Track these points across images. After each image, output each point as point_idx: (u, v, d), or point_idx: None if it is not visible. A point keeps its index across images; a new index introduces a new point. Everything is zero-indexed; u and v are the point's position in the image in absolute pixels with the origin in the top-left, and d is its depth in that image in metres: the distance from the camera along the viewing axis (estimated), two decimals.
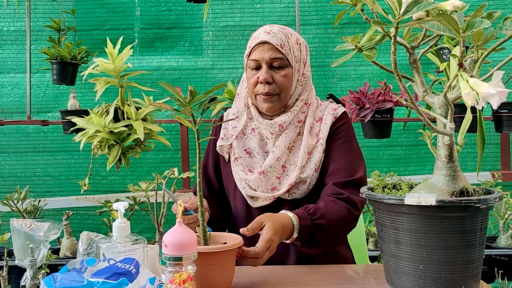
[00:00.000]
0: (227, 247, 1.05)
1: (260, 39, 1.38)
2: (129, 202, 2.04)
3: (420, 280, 0.96)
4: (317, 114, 1.46)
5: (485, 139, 1.56)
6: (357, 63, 3.11)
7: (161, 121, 2.59)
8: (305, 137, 1.40)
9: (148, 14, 3.22)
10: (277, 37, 1.38)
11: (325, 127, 1.42)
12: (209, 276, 1.03)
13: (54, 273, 0.90)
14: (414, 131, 2.94)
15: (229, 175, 1.46)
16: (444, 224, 0.93)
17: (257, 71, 1.39)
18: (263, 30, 1.41)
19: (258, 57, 1.38)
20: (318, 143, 1.41)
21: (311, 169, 1.38)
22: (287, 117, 1.41)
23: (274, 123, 1.40)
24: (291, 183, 1.36)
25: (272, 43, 1.37)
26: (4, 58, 3.22)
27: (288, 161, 1.40)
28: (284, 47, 1.38)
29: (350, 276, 1.19)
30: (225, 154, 1.48)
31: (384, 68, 1.05)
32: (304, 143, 1.39)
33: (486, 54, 0.93)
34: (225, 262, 1.05)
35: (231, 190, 1.46)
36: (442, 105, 1.01)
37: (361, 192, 1.08)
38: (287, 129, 1.41)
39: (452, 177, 0.99)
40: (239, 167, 1.42)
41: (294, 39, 1.42)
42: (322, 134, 1.41)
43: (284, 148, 1.39)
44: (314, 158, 1.39)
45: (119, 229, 1.00)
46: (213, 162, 1.52)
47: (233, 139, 1.44)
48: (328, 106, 1.47)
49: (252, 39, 1.42)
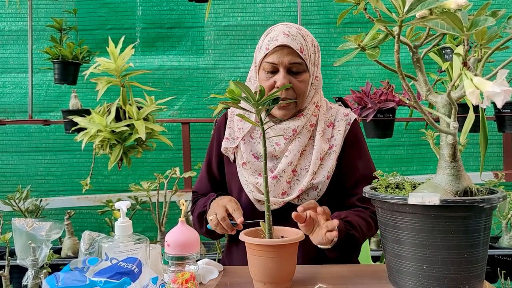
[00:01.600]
0: (289, 241, 1.07)
1: (280, 41, 1.31)
2: (131, 202, 2.04)
3: (424, 280, 0.96)
4: (328, 118, 1.43)
5: (488, 139, 1.56)
6: (359, 62, 3.10)
7: (163, 121, 2.59)
8: (318, 142, 1.37)
9: (150, 13, 3.22)
10: (297, 41, 1.32)
11: (338, 134, 1.40)
12: (272, 268, 1.05)
13: (57, 272, 0.89)
14: (416, 131, 2.93)
15: (234, 175, 1.43)
16: (448, 224, 0.93)
17: (272, 75, 1.34)
18: (281, 31, 1.33)
19: (276, 61, 1.32)
20: (331, 150, 1.38)
21: (323, 175, 1.35)
22: (301, 121, 1.37)
23: (288, 128, 1.36)
24: (302, 188, 1.33)
25: (292, 47, 1.31)
26: (6, 58, 3.23)
27: (299, 166, 1.37)
28: (303, 52, 1.33)
29: (353, 276, 1.18)
30: (230, 155, 1.44)
31: (387, 67, 1.04)
32: (317, 148, 1.36)
33: (490, 53, 0.92)
34: (288, 255, 1.07)
35: (235, 191, 1.44)
36: (446, 104, 1.00)
37: (364, 191, 1.07)
38: (300, 134, 1.37)
39: (455, 177, 0.98)
40: (248, 172, 1.38)
41: (310, 41, 1.37)
42: (336, 142, 1.39)
43: (297, 153, 1.36)
44: (327, 165, 1.36)
45: (121, 229, 1.00)
46: (217, 159, 1.49)
47: (239, 141, 1.40)
48: (339, 111, 1.44)
49: (268, 39, 1.35)
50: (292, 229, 1.15)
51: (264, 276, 1.06)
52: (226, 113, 1.53)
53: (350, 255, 1.40)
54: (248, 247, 1.08)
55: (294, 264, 1.10)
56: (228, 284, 1.15)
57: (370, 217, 1.34)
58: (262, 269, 1.05)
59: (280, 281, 1.06)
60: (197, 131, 3.05)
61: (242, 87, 1.07)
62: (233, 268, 1.31)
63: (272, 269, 1.05)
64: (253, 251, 1.06)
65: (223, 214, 1.25)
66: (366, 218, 1.33)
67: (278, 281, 1.06)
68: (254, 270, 1.08)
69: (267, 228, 1.10)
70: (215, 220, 1.26)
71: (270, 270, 1.05)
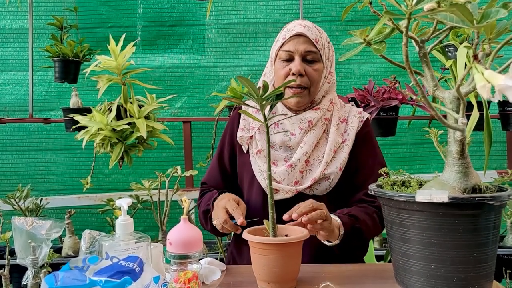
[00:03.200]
0: (294, 239, 1.05)
1: (296, 31, 1.38)
2: (132, 201, 2.02)
3: (432, 279, 0.93)
4: (342, 114, 1.47)
5: (492, 137, 1.54)
6: (361, 60, 3.08)
7: (164, 119, 2.56)
8: (332, 135, 1.41)
9: (151, 11, 3.20)
10: (312, 32, 1.39)
11: (352, 129, 1.44)
12: (276, 268, 1.03)
13: (56, 271, 0.87)
14: (419, 129, 2.92)
15: (246, 165, 1.46)
16: (457, 222, 0.91)
17: (288, 63, 1.39)
18: (297, 23, 1.42)
19: (292, 49, 1.38)
20: (344, 144, 1.42)
21: (335, 166, 1.38)
22: (317, 114, 1.42)
23: (304, 118, 1.41)
24: (315, 178, 1.36)
25: (308, 36, 1.38)
26: (6, 56, 3.21)
27: (312, 156, 1.40)
28: (318, 42, 1.39)
29: (359, 276, 1.16)
30: (244, 145, 1.47)
31: (393, 63, 1.02)
32: (331, 140, 1.40)
33: (500, 47, 0.90)
34: (292, 254, 1.05)
35: (247, 181, 1.45)
36: (453, 100, 0.98)
37: (370, 189, 1.05)
38: (315, 126, 1.42)
39: (463, 174, 0.96)
40: (262, 160, 1.41)
41: (325, 37, 1.44)
42: (349, 137, 1.43)
43: (312, 144, 1.40)
44: (340, 157, 1.40)
45: (122, 227, 0.98)
46: (229, 150, 1.51)
47: (255, 131, 1.44)
48: (352, 109, 1.50)
49: (285, 31, 1.42)
50: (296, 227, 1.13)
51: (267, 275, 1.04)
52: (240, 107, 1.55)
53: (356, 252, 1.39)
54: (251, 246, 1.06)
55: (299, 264, 1.08)
56: (231, 283, 1.13)
57: (375, 213, 1.34)
58: (265, 268, 1.03)
59: (284, 280, 1.04)
60: (199, 130, 3.03)
61: (246, 82, 1.05)
62: (237, 267, 1.30)
63: (276, 268, 1.03)
64: (257, 250, 1.05)
65: (225, 217, 1.25)
66: (371, 214, 1.33)
67: (282, 281, 1.04)
68: (257, 269, 1.06)
69: (271, 226, 1.08)
70: (219, 225, 1.27)
71: (274, 269, 1.03)
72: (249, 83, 1.04)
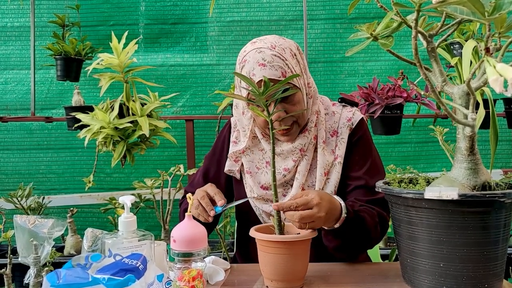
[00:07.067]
0: (302, 237, 1.03)
1: (258, 77, 1.19)
2: (134, 200, 2.01)
3: (441, 278, 0.92)
4: (331, 125, 1.35)
5: (498, 136, 1.52)
6: (365, 58, 3.06)
7: (167, 118, 2.55)
8: (320, 156, 1.30)
9: (153, 9, 3.18)
10: (275, 67, 1.19)
11: (342, 143, 1.33)
12: (282, 266, 1.02)
13: (58, 269, 0.86)
14: (424, 128, 2.89)
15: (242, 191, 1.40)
16: (467, 220, 0.89)
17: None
18: (256, 61, 1.20)
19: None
20: (336, 161, 1.31)
21: (330, 191, 1.29)
22: (306, 138, 1.31)
23: (295, 148, 1.31)
24: None
25: (273, 77, 1.19)
26: (8, 54, 3.20)
27: (306, 183, 1.32)
28: (286, 75, 1.20)
29: (366, 275, 1.14)
30: (236, 175, 1.40)
31: (400, 57, 1.00)
32: (320, 163, 1.30)
33: (511, 41, 0.88)
34: (299, 252, 1.04)
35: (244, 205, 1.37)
36: (462, 95, 0.96)
37: (377, 186, 1.03)
38: (307, 151, 1.32)
39: (473, 171, 0.95)
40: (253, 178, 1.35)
41: (288, 53, 1.23)
42: (340, 152, 1.32)
43: (305, 172, 1.31)
44: (333, 179, 1.30)
45: (125, 224, 0.96)
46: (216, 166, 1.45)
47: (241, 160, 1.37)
48: (342, 116, 1.36)
49: (246, 71, 1.21)
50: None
51: (274, 273, 1.02)
52: (229, 122, 1.48)
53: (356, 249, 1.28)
54: (258, 244, 1.05)
55: (306, 262, 1.06)
56: (236, 282, 1.12)
57: (377, 216, 1.25)
58: (272, 267, 1.01)
59: (291, 279, 1.03)
60: (201, 128, 3.01)
61: (244, 79, 1.03)
62: (241, 266, 1.29)
63: (282, 266, 1.01)
64: (264, 248, 1.03)
65: (203, 194, 1.20)
66: (374, 214, 1.25)
67: (289, 279, 1.02)
68: (264, 268, 1.04)
69: (277, 223, 1.06)
70: (196, 202, 1.19)
71: (281, 267, 1.01)
72: (247, 80, 1.02)
